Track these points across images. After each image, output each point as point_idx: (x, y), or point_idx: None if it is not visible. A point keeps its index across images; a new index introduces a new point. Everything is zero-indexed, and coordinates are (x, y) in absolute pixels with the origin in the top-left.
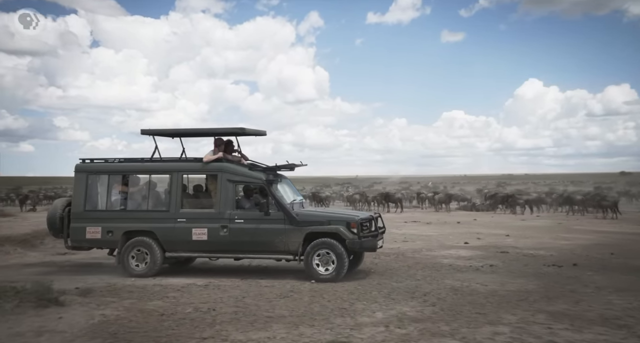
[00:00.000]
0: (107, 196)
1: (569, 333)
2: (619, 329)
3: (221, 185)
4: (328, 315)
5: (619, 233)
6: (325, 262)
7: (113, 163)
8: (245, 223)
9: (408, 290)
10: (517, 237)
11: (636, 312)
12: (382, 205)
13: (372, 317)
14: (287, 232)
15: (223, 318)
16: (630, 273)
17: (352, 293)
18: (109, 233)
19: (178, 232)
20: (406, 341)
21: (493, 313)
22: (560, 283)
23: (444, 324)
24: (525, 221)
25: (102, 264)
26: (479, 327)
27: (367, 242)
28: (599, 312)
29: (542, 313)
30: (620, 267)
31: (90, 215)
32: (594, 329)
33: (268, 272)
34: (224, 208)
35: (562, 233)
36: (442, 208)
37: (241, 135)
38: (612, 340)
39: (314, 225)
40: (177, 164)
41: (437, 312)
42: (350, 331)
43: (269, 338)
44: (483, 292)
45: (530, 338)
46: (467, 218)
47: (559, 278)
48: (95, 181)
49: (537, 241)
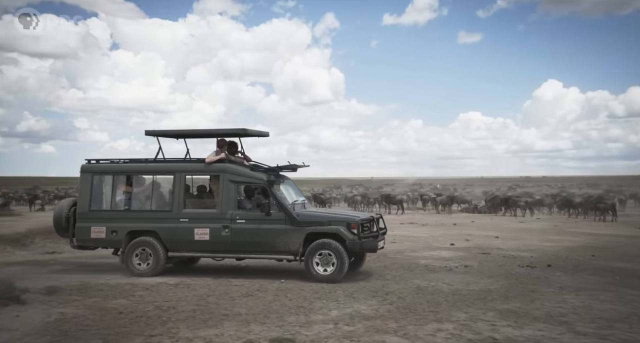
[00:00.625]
0: (112, 196)
1: (510, 329)
2: (559, 325)
3: (223, 185)
4: (284, 313)
5: (611, 236)
6: (325, 262)
7: (117, 164)
8: (247, 223)
9: (372, 290)
10: (506, 238)
11: (584, 310)
12: (383, 207)
13: (326, 315)
14: (288, 233)
15: (179, 317)
16: (600, 274)
17: (317, 292)
18: (113, 233)
19: (180, 232)
20: (348, 337)
21: (446, 311)
22: (524, 283)
23: (393, 322)
24: (523, 223)
25: (84, 264)
26: (425, 324)
27: (367, 242)
28: (547, 310)
29: (492, 311)
30: (593, 268)
31: (95, 215)
32: (535, 326)
33: (245, 271)
34: (226, 208)
35: (553, 235)
36: (444, 210)
37: (244, 136)
38: (549, 336)
39: (315, 226)
40: (180, 164)
41: (391, 310)
42: (299, 328)
43: (217, 335)
44: (446, 291)
45: (469, 334)
46: (465, 221)
47: (526, 278)
48: (100, 181)
49: (524, 243)
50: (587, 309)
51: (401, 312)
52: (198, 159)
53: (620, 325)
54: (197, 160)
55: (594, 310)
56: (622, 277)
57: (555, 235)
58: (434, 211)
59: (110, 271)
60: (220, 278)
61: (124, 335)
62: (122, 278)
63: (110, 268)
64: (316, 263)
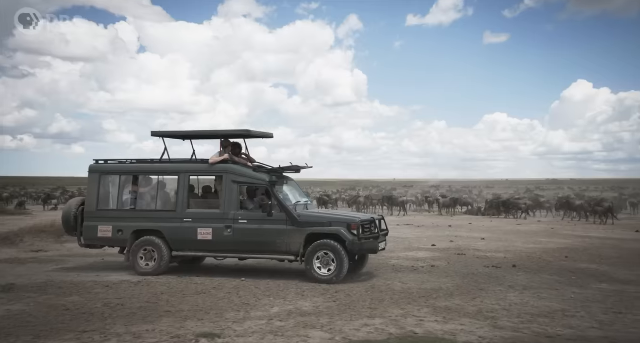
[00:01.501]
0: (118, 196)
1: (434, 324)
2: (484, 320)
3: (226, 186)
4: (227, 309)
5: (601, 239)
6: (325, 263)
7: (124, 164)
8: (249, 223)
9: (325, 288)
10: (492, 240)
11: (517, 307)
12: (385, 208)
13: (266, 312)
14: (289, 233)
15: (122, 313)
16: (561, 274)
17: (269, 290)
18: (119, 232)
19: (184, 231)
20: (274, 332)
21: (383, 308)
22: (479, 282)
23: (327, 318)
24: (521, 226)
25: (64, 261)
26: (356, 320)
27: (367, 243)
28: (482, 307)
29: (429, 308)
30: (557, 269)
31: (102, 215)
32: (460, 321)
33: (214, 270)
34: (229, 208)
35: (542, 238)
36: (448, 212)
37: (247, 137)
38: (467, 330)
39: (315, 227)
40: (185, 165)
41: (331, 307)
42: (231, 324)
43: (148, 331)
44: (396, 289)
45: (393, 329)
46: (463, 223)
47: (484, 278)
48: (107, 181)
49: (507, 245)
50: (521, 306)
51: (340, 309)
52: (202, 160)
53: (542, 320)
54: (201, 161)
55: (527, 307)
56: (580, 277)
57: (545, 237)
58: (446, 213)
59: (88, 269)
60: (185, 277)
61: (57, 331)
62: (83, 276)
63: (89, 266)
64: (316, 264)
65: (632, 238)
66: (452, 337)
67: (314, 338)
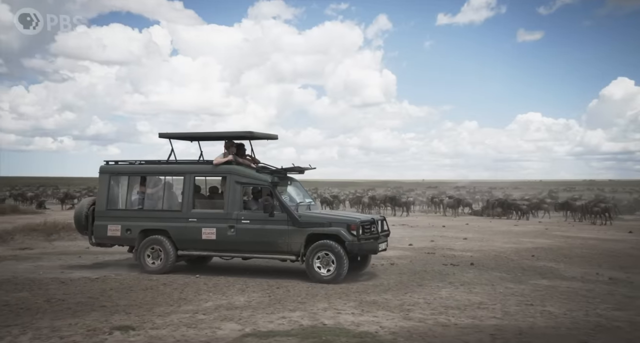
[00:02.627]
0: (127, 196)
1: (349, 316)
2: (398, 312)
3: (229, 186)
4: (160, 304)
5: (584, 239)
6: (325, 263)
7: (133, 165)
8: (251, 223)
9: (268, 284)
10: (473, 240)
11: (440, 301)
12: (388, 208)
13: (198, 306)
14: (290, 233)
15: (57, 308)
16: (511, 272)
17: (215, 286)
18: (127, 231)
19: (189, 231)
20: (189, 324)
21: (312, 302)
22: (423, 278)
23: (251, 311)
24: (518, 226)
25: (43, 257)
26: (277, 313)
27: (366, 244)
28: (405, 301)
29: (355, 302)
30: (512, 267)
31: (112, 214)
32: (376, 313)
33: (180, 268)
34: (232, 209)
35: (527, 238)
36: (451, 212)
37: (250, 138)
38: (376, 321)
39: (316, 227)
40: (190, 166)
41: (262, 302)
42: (155, 318)
43: (70, 324)
44: (339, 285)
45: (307, 321)
46: (460, 223)
47: (432, 274)
48: (116, 182)
49: (483, 244)
50: (445, 300)
51: (270, 303)
52: (207, 161)
53: (453, 312)
54: (206, 162)
55: (449, 300)
56: (527, 274)
57: (531, 237)
58: (449, 213)
59: (59, 267)
60: (145, 274)
61: None
62: (59, 272)
63: (63, 264)
64: (316, 264)
65: (617, 239)
66: (355, 328)
67: (224, 330)
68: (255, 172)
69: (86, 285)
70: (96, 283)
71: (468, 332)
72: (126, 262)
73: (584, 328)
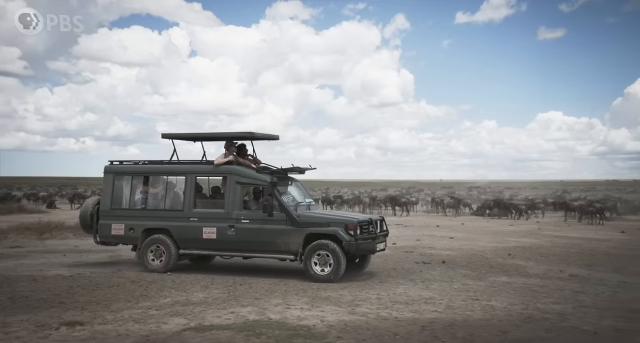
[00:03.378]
0: (130, 196)
1: (297, 311)
2: (346, 307)
3: (230, 186)
4: (119, 300)
5: (571, 238)
6: (323, 262)
7: (136, 165)
8: (251, 223)
9: (232, 282)
10: (459, 239)
11: (392, 297)
12: (388, 208)
13: (155, 302)
14: (289, 233)
15: (18, 305)
16: (478, 269)
17: (180, 284)
18: (130, 230)
19: (190, 230)
20: (138, 320)
21: (267, 298)
22: (390, 276)
23: (203, 307)
24: (513, 226)
25: (29, 255)
26: (228, 309)
27: (364, 244)
28: (358, 296)
29: (308, 298)
30: (481, 265)
31: (116, 213)
32: (324, 308)
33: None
34: (232, 208)
35: (515, 237)
36: (451, 212)
37: (251, 139)
38: (320, 315)
39: (314, 227)
40: (191, 166)
41: (218, 298)
42: (107, 313)
43: (21, 320)
44: (300, 283)
45: (254, 315)
46: (456, 223)
47: (399, 272)
48: (120, 182)
49: (466, 243)
50: (398, 295)
51: (226, 299)
52: (208, 161)
53: (399, 306)
54: (208, 162)
55: (401, 296)
56: (491, 271)
57: (518, 237)
58: (450, 213)
59: (38, 265)
60: (119, 271)
61: None
62: (37, 270)
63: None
64: (314, 263)
65: (604, 239)
66: (297, 321)
67: (168, 325)
68: (255, 172)
69: (56, 283)
70: (67, 280)
71: (402, 324)
72: (108, 260)
73: (514, 320)
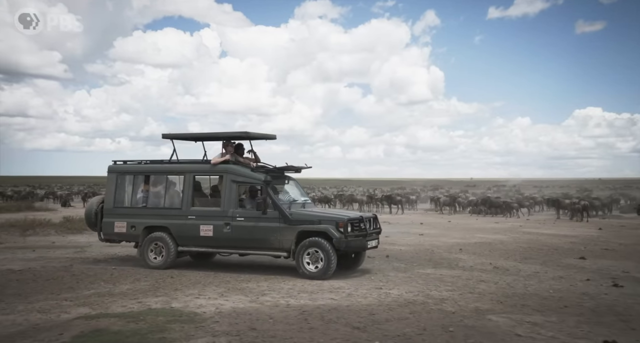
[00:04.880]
0: (132, 194)
1: (204, 300)
2: (252, 296)
3: (226, 185)
4: (43, 292)
5: (540, 235)
6: (315, 259)
7: (137, 164)
8: (246, 221)
9: (167, 275)
10: (428, 236)
11: (309, 287)
12: (384, 206)
13: (78, 293)
14: (282, 230)
15: None
16: (414, 262)
17: (115, 277)
18: (132, 228)
19: (188, 228)
20: (44, 310)
21: (186, 289)
22: None
23: (118, 297)
24: (498, 224)
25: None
26: (139, 299)
27: (354, 241)
28: (271, 288)
29: (223, 289)
30: (422, 259)
31: (118, 212)
32: (232, 298)
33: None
34: (228, 206)
35: (485, 234)
36: (448, 210)
37: (246, 138)
38: (221, 304)
39: (306, 224)
40: (190, 165)
41: (140, 289)
42: (22, 304)
43: None
44: (229, 275)
45: (158, 304)
46: (444, 221)
47: None
48: (123, 181)
49: (431, 240)
50: (308, 285)
51: (146, 290)
52: (207, 160)
53: (305, 295)
54: (205, 162)
55: (312, 286)
56: (424, 264)
57: (490, 233)
58: (446, 211)
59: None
60: (74, 266)
61: None
62: None
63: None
64: (306, 260)
65: (574, 235)
66: (193, 309)
67: (69, 314)
68: (250, 171)
69: (4, 277)
70: (12, 274)
71: (287, 310)
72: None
73: (394, 304)
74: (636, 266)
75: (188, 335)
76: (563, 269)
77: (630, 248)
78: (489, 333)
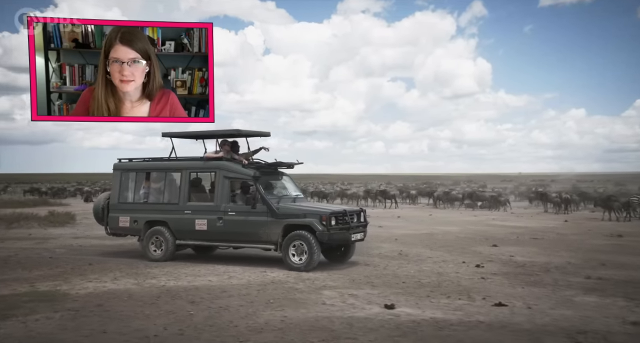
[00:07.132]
0: (135, 190)
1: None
2: (133, 279)
3: (218, 180)
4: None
5: (496, 226)
6: (300, 252)
7: (139, 162)
8: (237, 215)
9: (86, 261)
10: (387, 228)
11: (182, 270)
12: (378, 201)
13: (5, 276)
14: (269, 224)
15: None
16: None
17: (45, 264)
18: (134, 223)
19: (185, 222)
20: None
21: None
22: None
23: (50, 280)
24: (476, 217)
25: None
26: (51, 281)
27: (336, 234)
28: (145, 271)
29: (100, 274)
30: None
31: (123, 207)
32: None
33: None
34: (220, 201)
35: (445, 226)
36: (441, 205)
37: (238, 136)
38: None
39: (291, 218)
40: (186, 162)
41: (54, 273)
42: None
43: None
44: (145, 263)
45: (47, 287)
46: (424, 214)
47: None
48: (126, 177)
49: (387, 231)
50: (210, 270)
51: (56, 275)
52: (201, 157)
53: (188, 278)
54: (200, 159)
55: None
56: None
57: (451, 226)
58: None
59: None
60: (24, 253)
61: None
62: None
63: None
64: (291, 253)
65: (527, 226)
66: (70, 291)
67: None
68: (241, 167)
69: None
70: None
71: (151, 290)
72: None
73: (261, 283)
74: (530, 251)
75: (32, 311)
76: (460, 255)
77: (562, 237)
78: (294, 301)
